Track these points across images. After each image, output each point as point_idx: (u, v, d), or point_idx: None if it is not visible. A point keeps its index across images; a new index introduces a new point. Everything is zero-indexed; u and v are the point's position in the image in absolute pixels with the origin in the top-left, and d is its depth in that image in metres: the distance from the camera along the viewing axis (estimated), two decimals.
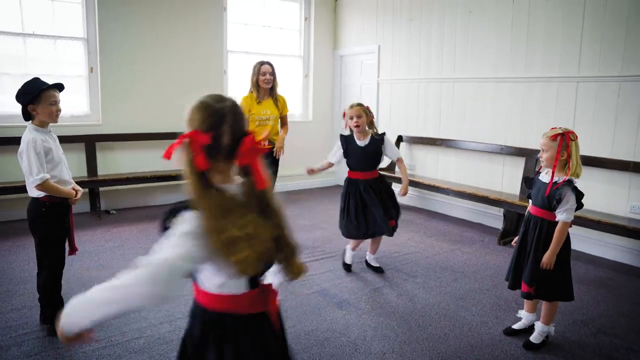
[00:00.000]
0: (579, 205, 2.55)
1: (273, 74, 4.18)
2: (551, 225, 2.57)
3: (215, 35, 6.13)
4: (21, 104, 2.57)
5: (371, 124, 3.59)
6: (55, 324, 1.21)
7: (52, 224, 2.68)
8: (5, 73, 4.92)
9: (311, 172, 3.62)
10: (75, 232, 4.58)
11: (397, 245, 4.50)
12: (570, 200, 2.49)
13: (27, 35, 5.01)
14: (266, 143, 4.00)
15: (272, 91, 4.23)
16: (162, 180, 5.61)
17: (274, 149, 4.32)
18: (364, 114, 3.47)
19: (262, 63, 4.18)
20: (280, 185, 6.87)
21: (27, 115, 2.60)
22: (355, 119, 3.47)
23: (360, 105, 3.53)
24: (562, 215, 2.51)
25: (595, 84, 4.21)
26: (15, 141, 4.77)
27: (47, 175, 2.55)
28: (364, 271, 3.83)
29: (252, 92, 4.21)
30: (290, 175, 7.01)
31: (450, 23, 5.45)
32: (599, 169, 4.18)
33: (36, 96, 2.54)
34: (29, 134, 2.56)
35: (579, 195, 2.53)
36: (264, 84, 4.13)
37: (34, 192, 2.62)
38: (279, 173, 6.75)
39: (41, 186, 2.54)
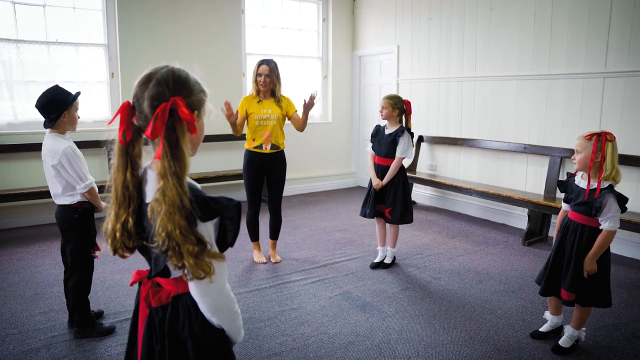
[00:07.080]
0: (623, 210, 2.44)
1: (270, 75, 3.78)
2: (592, 231, 2.47)
3: (234, 38, 6.17)
4: (56, 111, 2.55)
5: (402, 117, 3.80)
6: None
7: (85, 229, 2.72)
8: (31, 81, 5.02)
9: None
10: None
11: (419, 246, 4.45)
12: (612, 207, 2.39)
13: (51, 43, 5.11)
14: (269, 147, 3.92)
15: (273, 91, 3.87)
16: None
17: (308, 102, 3.77)
18: (389, 106, 3.74)
19: (261, 62, 3.81)
20: (300, 187, 6.88)
21: (49, 123, 2.59)
22: (380, 108, 3.83)
23: (389, 97, 3.78)
24: (606, 223, 2.41)
25: (623, 79, 4.09)
26: (38, 147, 4.94)
27: (92, 178, 2.62)
28: (387, 274, 3.80)
29: (252, 92, 3.90)
30: (310, 177, 7.02)
31: (471, 21, 5.37)
32: (629, 166, 4.06)
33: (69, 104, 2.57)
34: (60, 143, 2.55)
35: (622, 199, 2.43)
36: (260, 85, 3.81)
37: (65, 200, 2.64)
38: (298, 175, 6.81)
39: (88, 192, 2.59)
